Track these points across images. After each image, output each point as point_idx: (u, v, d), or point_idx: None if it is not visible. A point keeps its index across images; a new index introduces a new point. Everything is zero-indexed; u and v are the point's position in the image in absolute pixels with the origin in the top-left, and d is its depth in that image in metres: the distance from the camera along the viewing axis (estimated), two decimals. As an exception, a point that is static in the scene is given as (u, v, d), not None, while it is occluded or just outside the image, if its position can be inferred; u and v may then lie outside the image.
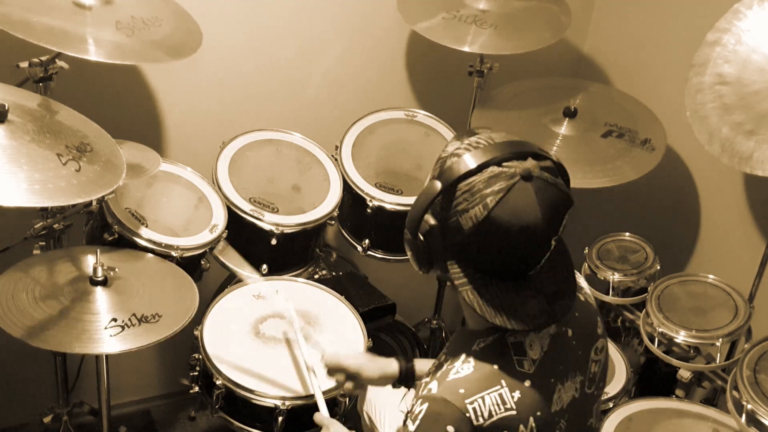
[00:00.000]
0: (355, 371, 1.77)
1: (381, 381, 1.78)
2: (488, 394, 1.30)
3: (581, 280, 1.52)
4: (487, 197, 1.25)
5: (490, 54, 2.48)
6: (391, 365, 1.77)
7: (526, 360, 1.34)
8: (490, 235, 1.26)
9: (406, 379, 1.78)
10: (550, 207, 1.27)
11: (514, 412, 1.30)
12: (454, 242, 1.29)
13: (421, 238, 1.32)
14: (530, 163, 1.28)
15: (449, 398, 1.30)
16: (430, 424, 1.29)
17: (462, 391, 1.30)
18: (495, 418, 1.29)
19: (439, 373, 1.36)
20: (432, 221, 1.31)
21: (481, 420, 1.28)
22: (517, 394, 1.31)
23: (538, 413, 1.32)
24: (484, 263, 1.30)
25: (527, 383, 1.32)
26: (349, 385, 1.79)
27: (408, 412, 1.36)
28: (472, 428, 1.28)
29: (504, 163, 1.27)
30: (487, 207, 1.25)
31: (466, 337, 1.40)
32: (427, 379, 1.38)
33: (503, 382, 1.31)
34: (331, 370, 1.80)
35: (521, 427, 1.30)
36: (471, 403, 1.29)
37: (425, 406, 1.31)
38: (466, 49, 2.34)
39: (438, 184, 1.29)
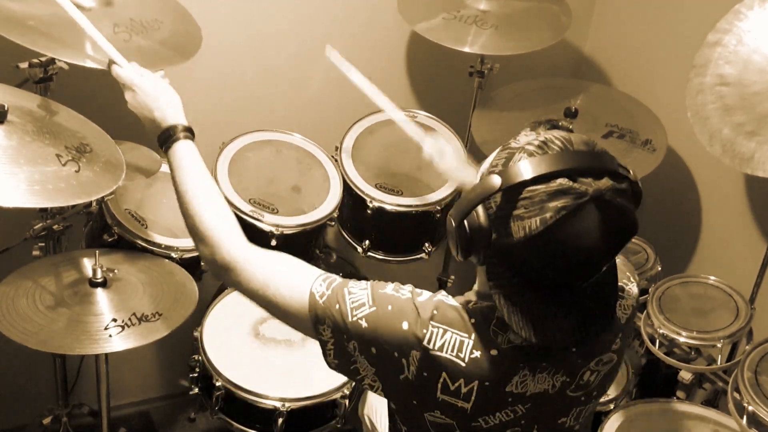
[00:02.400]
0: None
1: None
2: (452, 332, 1.29)
3: (633, 288, 1.46)
4: (548, 212, 1.16)
5: (490, 55, 2.48)
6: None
7: (502, 336, 1.30)
8: (540, 250, 1.19)
9: None
10: (614, 233, 1.20)
11: (462, 364, 1.28)
12: (499, 243, 1.22)
13: (467, 227, 1.23)
14: (605, 184, 1.18)
15: (420, 310, 1.30)
16: (397, 306, 1.31)
17: (435, 312, 1.30)
18: (441, 354, 1.28)
19: (434, 293, 1.36)
20: (482, 215, 1.22)
21: (430, 344, 1.28)
22: (477, 354, 1.29)
23: (486, 383, 1.30)
24: (525, 272, 1.23)
25: (493, 352, 1.29)
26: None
27: (395, 283, 1.36)
28: (419, 345, 1.28)
29: (578, 178, 1.17)
30: (545, 222, 1.16)
31: (471, 293, 1.39)
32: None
33: (472, 336, 1.29)
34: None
35: (462, 380, 1.29)
36: (434, 326, 1.29)
37: (406, 296, 1.32)
38: (466, 49, 2.34)
39: (498, 181, 1.19)
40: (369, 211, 2.35)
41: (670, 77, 2.57)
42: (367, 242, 2.41)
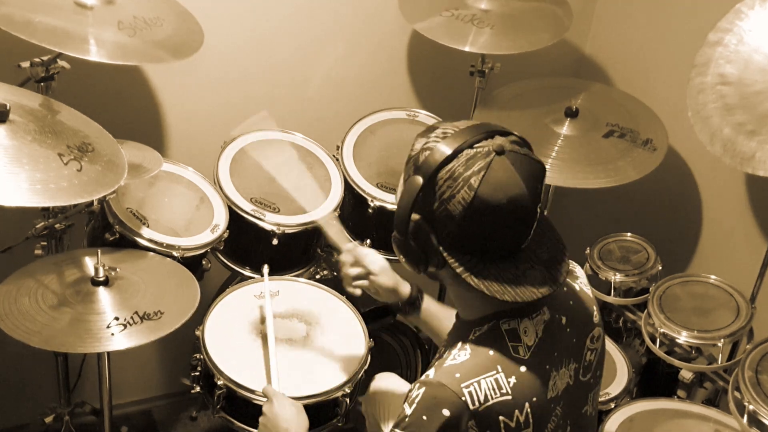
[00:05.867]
0: (373, 271, 1.81)
1: (390, 293, 1.83)
2: (484, 378, 1.31)
3: (577, 269, 1.53)
4: (470, 178, 1.27)
5: (490, 54, 2.48)
6: (405, 284, 1.83)
7: (521, 346, 1.35)
8: (481, 214, 1.28)
9: (412, 305, 1.83)
10: (529, 176, 1.30)
11: (509, 397, 1.30)
12: (446, 232, 1.31)
13: (411, 237, 1.33)
14: (500, 140, 1.31)
15: (445, 382, 1.30)
16: (426, 407, 1.30)
17: (458, 375, 1.31)
18: (491, 402, 1.29)
19: (437, 362, 1.38)
20: (418, 217, 1.32)
21: (477, 404, 1.29)
22: (513, 380, 1.32)
23: (534, 399, 1.33)
24: (479, 246, 1.31)
25: (523, 369, 1.33)
26: (360, 281, 1.83)
27: (405, 397, 1.35)
28: (468, 412, 1.28)
29: (475, 145, 1.30)
30: (473, 187, 1.27)
31: (461, 328, 1.41)
32: (428, 369, 1.39)
33: (499, 367, 1.32)
34: (352, 262, 1.83)
35: (516, 412, 1.31)
36: (467, 387, 1.29)
37: (422, 390, 1.32)
38: (467, 48, 2.34)
39: (419, 179, 1.30)
40: (370, 211, 2.35)
41: (671, 77, 2.57)
42: (368, 241, 2.41)
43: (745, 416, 1.87)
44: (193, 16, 2.15)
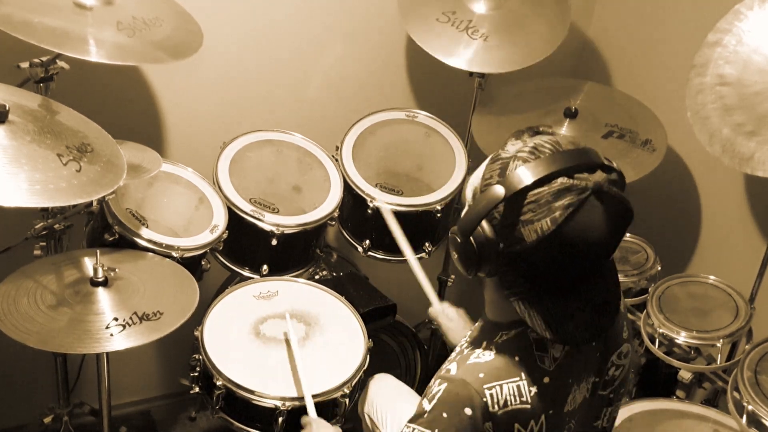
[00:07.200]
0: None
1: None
2: (506, 383, 1.29)
3: None
4: (556, 211, 1.20)
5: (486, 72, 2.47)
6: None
7: (547, 357, 1.33)
8: (553, 249, 1.22)
9: None
10: (616, 223, 1.25)
11: (528, 406, 1.30)
12: (510, 251, 1.25)
13: (473, 242, 1.26)
14: (600, 177, 1.23)
15: (469, 380, 1.29)
16: (447, 404, 1.29)
17: (482, 375, 1.29)
18: (509, 408, 1.28)
19: (458, 357, 1.36)
20: (487, 227, 1.25)
21: (496, 407, 1.28)
22: (534, 389, 1.30)
23: (551, 411, 1.32)
24: (538, 275, 1.26)
25: (546, 380, 1.32)
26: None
27: (425, 392, 1.35)
28: (487, 413, 1.28)
29: (575, 175, 1.22)
30: (556, 221, 1.20)
31: (488, 329, 1.39)
32: (446, 364, 1.38)
33: (523, 375, 1.30)
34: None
35: (532, 422, 1.30)
36: (489, 388, 1.28)
37: (444, 386, 1.30)
38: (462, 66, 2.35)
39: (501, 190, 1.22)
40: (369, 211, 2.35)
41: (670, 77, 2.57)
42: (367, 242, 2.41)
43: (744, 416, 1.87)
44: (193, 17, 2.15)
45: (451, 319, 1.96)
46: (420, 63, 2.74)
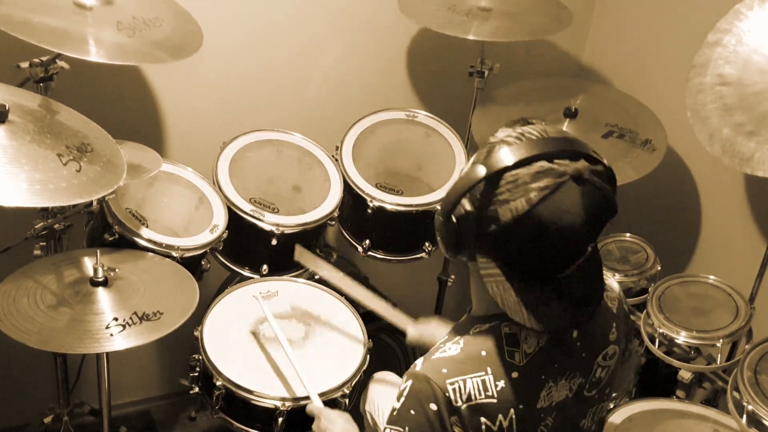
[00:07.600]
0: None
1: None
2: (470, 378, 1.30)
3: (612, 282, 1.49)
4: (532, 192, 1.21)
5: (490, 42, 2.44)
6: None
7: (518, 352, 1.33)
8: (526, 230, 1.23)
9: None
10: (593, 213, 1.24)
11: (494, 401, 1.30)
12: (487, 231, 1.26)
13: (454, 221, 1.28)
14: (582, 165, 1.24)
15: (431, 375, 1.30)
16: (413, 401, 1.30)
17: (445, 370, 1.30)
18: (473, 402, 1.29)
19: (428, 352, 1.37)
20: (468, 206, 1.27)
21: (459, 402, 1.29)
22: (501, 384, 1.31)
23: (521, 406, 1.32)
24: (513, 258, 1.27)
25: (515, 375, 1.32)
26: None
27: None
28: (451, 408, 1.28)
29: (555, 160, 1.23)
30: (531, 202, 1.21)
31: (465, 322, 1.40)
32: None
33: (489, 369, 1.31)
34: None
35: (500, 416, 1.30)
36: (452, 383, 1.29)
37: (409, 383, 1.32)
38: (470, 36, 2.30)
39: (482, 170, 1.24)
40: (369, 211, 2.35)
41: (670, 77, 2.57)
42: (367, 242, 2.41)
43: (744, 416, 1.87)
44: (193, 17, 2.15)
45: (432, 333, 1.92)
46: (420, 63, 2.74)
